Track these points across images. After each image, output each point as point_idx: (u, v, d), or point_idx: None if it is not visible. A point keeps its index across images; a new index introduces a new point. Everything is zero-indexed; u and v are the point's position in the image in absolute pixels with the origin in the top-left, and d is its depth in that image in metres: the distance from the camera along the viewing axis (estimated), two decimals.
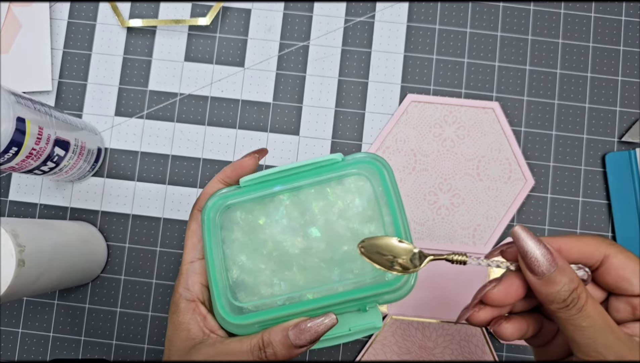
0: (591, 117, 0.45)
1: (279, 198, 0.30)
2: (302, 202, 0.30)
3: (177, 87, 0.45)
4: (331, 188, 0.30)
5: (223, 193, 0.30)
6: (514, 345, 0.43)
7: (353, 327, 0.29)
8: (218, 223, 0.30)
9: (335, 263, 0.29)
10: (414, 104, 0.44)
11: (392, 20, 0.45)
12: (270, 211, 0.30)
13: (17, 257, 0.31)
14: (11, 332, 0.43)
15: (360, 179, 0.30)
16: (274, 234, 0.30)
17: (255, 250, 0.30)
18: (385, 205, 0.29)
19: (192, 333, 0.29)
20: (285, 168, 0.30)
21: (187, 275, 0.30)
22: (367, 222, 0.29)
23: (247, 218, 0.30)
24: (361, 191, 0.30)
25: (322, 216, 0.29)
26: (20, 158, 0.34)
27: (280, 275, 0.29)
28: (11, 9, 0.45)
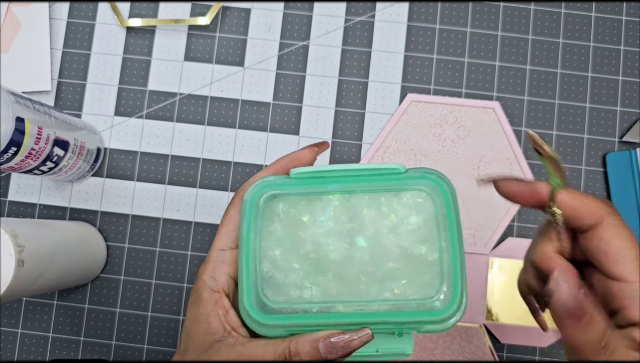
0: (592, 117, 0.45)
1: (328, 198, 0.28)
2: (352, 207, 0.28)
3: (177, 87, 0.45)
4: (386, 198, 0.28)
5: (269, 181, 0.28)
6: (514, 346, 0.42)
7: (381, 349, 0.27)
8: (260, 211, 0.28)
9: (376, 279, 0.27)
10: (414, 104, 0.44)
11: (392, 20, 0.45)
12: (317, 210, 0.28)
13: (17, 257, 0.31)
14: (11, 332, 0.43)
15: (420, 195, 0.28)
16: (316, 235, 0.28)
17: (292, 247, 0.28)
18: (443, 229, 0.27)
19: (212, 327, 0.27)
20: (341, 167, 0.28)
21: (214, 263, 0.28)
22: (419, 242, 0.27)
23: (290, 212, 0.28)
24: (419, 208, 0.27)
25: (372, 226, 0.27)
26: (19, 157, 0.34)
27: (313, 278, 0.28)
28: (11, 9, 0.45)
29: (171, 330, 0.43)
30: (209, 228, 0.44)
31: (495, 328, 0.42)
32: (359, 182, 0.28)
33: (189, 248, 0.44)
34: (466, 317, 0.42)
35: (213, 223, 0.44)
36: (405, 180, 0.28)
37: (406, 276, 0.27)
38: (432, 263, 0.27)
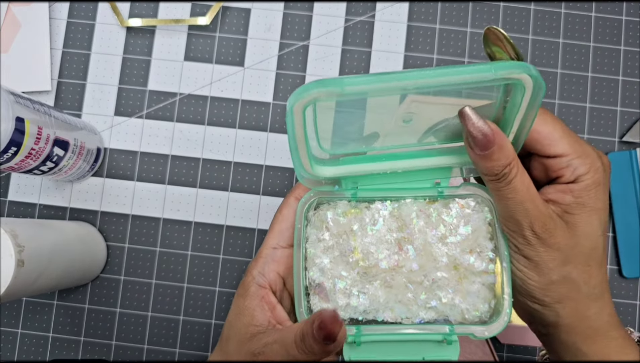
0: (592, 117, 0.45)
1: (377, 208, 0.29)
2: (401, 216, 0.28)
3: (177, 87, 0.45)
4: (435, 208, 0.28)
5: (321, 191, 0.29)
6: (514, 346, 0.42)
7: (428, 357, 0.28)
8: (306, 219, 0.29)
9: (423, 288, 0.28)
10: (414, 104, 0.44)
11: (392, 20, 0.45)
12: (366, 219, 0.28)
13: (17, 257, 0.31)
14: (11, 332, 0.43)
15: (469, 206, 0.28)
16: (366, 244, 0.28)
17: (341, 256, 0.28)
18: (491, 239, 0.28)
19: (256, 319, 0.28)
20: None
21: (265, 260, 0.29)
22: (467, 253, 0.28)
23: (340, 221, 0.28)
24: (467, 219, 0.28)
25: (421, 236, 0.28)
26: (19, 157, 0.34)
27: (360, 286, 0.28)
28: (11, 9, 0.44)
29: (171, 330, 0.43)
30: (209, 228, 0.44)
31: None
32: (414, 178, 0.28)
33: (189, 248, 0.44)
34: None
35: (213, 223, 0.44)
36: (452, 191, 0.28)
37: (454, 286, 0.28)
38: (479, 273, 0.28)
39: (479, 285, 0.28)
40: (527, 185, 0.26)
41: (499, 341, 0.42)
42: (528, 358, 0.42)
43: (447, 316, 0.28)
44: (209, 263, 0.43)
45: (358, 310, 0.28)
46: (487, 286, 0.28)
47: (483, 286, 0.28)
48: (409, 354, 0.27)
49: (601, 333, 0.27)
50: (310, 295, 0.28)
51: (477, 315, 0.28)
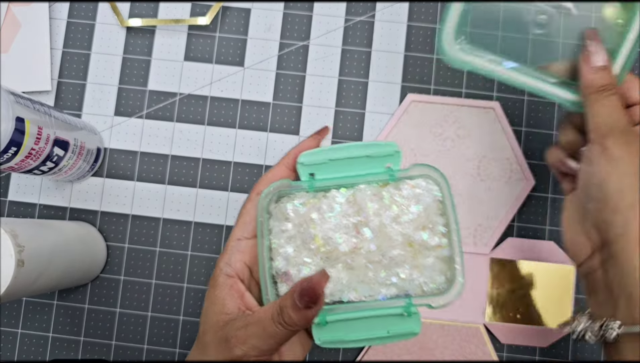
0: None
1: (334, 195, 0.30)
2: (357, 202, 0.30)
3: (177, 87, 0.45)
4: (388, 191, 0.30)
5: (279, 184, 0.31)
6: (514, 346, 0.42)
7: (392, 330, 0.30)
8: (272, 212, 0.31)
9: (382, 266, 0.30)
10: (414, 104, 0.44)
11: (392, 20, 0.45)
12: (324, 207, 0.30)
13: (17, 257, 0.31)
14: (10, 332, 0.43)
15: (418, 186, 0.30)
16: (325, 230, 0.30)
17: (303, 243, 0.30)
18: (441, 215, 0.30)
19: (227, 308, 0.29)
20: (340, 146, 0.31)
21: (231, 251, 0.31)
22: (420, 229, 0.30)
23: (299, 211, 0.30)
24: (418, 198, 0.30)
25: (376, 218, 0.30)
26: (19, 158, 0.34)
27: None
28: (11, 9, 0.45)
29: (171, 330, 0.43)
30: (209, 228, 0.44)
31: (495, 328, 0.42)
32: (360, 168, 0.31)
33: (189, 248, 0.44)
34: (466, 317, 0.42)
35: (213, 223, 0.44)
36: (402, 173, 0.31)
37: (410, 261, 0.30)
38: (433, 248, 0.30)
39: (433, 259, 0.30)
40: (621, 104, 0.30)
41: (499, 341, 0.42)
42: (528, 358, 0.42)
43: (407, 291, 0.30)
44: (209, 263, 0.43)
45: (325, 292, 0.29)
46: (441, 259, 0.30)
47: (437, 260, 0.30)
48: (374, 329, 0.30)
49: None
50: (277, 283, 0.30)
51: (434, 287, 0.30)
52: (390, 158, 0.31)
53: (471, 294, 0.42)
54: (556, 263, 0.43)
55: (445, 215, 0.30)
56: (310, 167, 0.31)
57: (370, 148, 0.31)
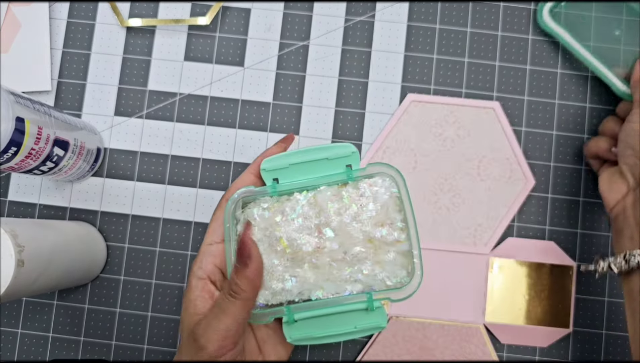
0: (592, 117, 0.45)
1: (297, 199, 0.32)
2: (318, 203, 0.31)
3: (177, 87, 0.45)
4: (347, 191, 0.32)
5: (242, 191, 0.32)
6: (514, 346, 0.42)
7: (359, 325, 0.31)
8: (235, 218, 0.32)
9: (346, 263, 0.31)
10: (414, 104, 0.44)
11: (392, 20, 0.45)
12: (287, 210, 0.31)
13: (17, 257, 0.31)
14: (11, 332, 0.43)
15: (375, 184, 0.32)
16: (289, 232, 0.31)
17: (270, 246, 0.31)
18: (399, 211, 0.31)
19: (198, 308, 0.30)
20: (299, 151, 0.32)
21: (202, 256, 0.32)
22: (379, 226, 0.31)
23: (264, 215, 0.32)
24: (375, 196, 0.31)
25: (337, 218, 0.31)
26: (19, 158, 0.34)
27: (291, 271, 0.31)
28: (11, 9, 0.45)
29: (171, 330, 0.43)
30: None
31: (495, 328, 0.42)
32: (319, 170, 0.32)
33: (189, 248, 0.44)
34: (466, 317, 0.42)
35: None
36: (360, 173, 0.32)
37: (371, 257, 0.31)
38: (392, 243, 0.31)
39: (394, 254, 0.31)
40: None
41: (499, 341, 0.42)
42: (528, 358, 0.42)
43: (371, 287, 0.31)
44: None
45: (292, 292, 0.31)
46: (401, 253, 0.31)
47: (398, 254, 0.31)
48: (342, 325, 0.31)
49: None
50: None
51: (397, 281, 0.31)
52: (348, 159, 0.32)
53: (471, 294, 0.42)
54: (556, 263, 0.43)
55: (403, 211, 0.31)
56: (273, 172, 0.32)
57: (328, 150, 0.32)
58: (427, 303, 0.42)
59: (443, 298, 0.42)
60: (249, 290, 0.29)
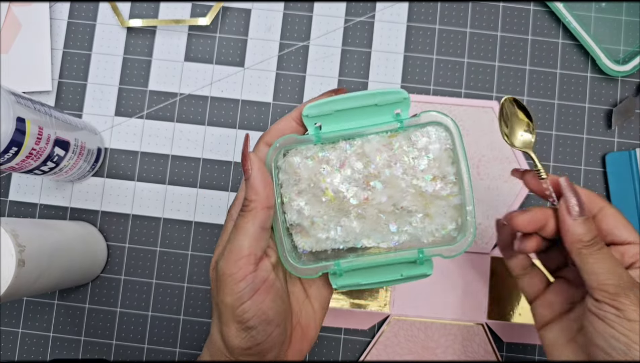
0: (591, 117, 0.45)
1: (343, 147, 0.30)
2: (366, 153, 0.30)
3: (177, 87, 0.45)
4: (397, 141, 0.30)
5: (284, 140, 0.30)
6: (513, 345, 0.43)
7: (405, 273, 0.30)
8: (276, 167, 0.30)
9: (394, 216, 0.30)
10: (413, 104, 0.44)
11: (392, 20, 0.45)
12: (333, 159, 0.30)
13: (17, 257, 0.31)
14: (11, 332, 0.43)
15: (429, 135, 0.30)
16: (335, 183, 0.29)
17: (314, 196, 0.30)
18: (452, 164, 0.30)
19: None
20: (348, 96, 0.30)
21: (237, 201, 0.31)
22: (431, 180, 0.29)
23: (308, 164, 0.30)
24: (428, 148, 0.29)
25: (386, 170, 0.29)
26: (20, 158, 0.34)
27: (336, 220, 0.30)
28: (11, 9, 0.45)
29: (171, 329, 0.43)
30: (209, 227, 0.44)
31: (497, 327, 0.42)
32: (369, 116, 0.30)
33: (189, 248, 0.44)
34: (468, 316, 0.42)
35: (213, 223, 0.44)
36: (412, 121, 0.30)
37: (422, 210, 0.30)
38: (444, 197, 0.30)
39: (445, 207, 0.30)
40: (613, 255, 0.29)
41: (501, 339, 0.42)
42: (529, 358, 0.42)
43: (419, 238, 0.30)
44: (209, 262, 0.43)
45: (338, 241, 0.30)
46: (452, 207, 0.30)
47: (449, 207, 0.30)
48: (389, 274, 0.30)
49: None
50: (293, 234, 0.31)
51: (445, 233, 0.30)
52: (399, 105, 0.30)
53: (472, 293, 0.42)
54: None
55: (456, 163, 0.29)
56: (316, 119, 0.30)
57: (377, 96, 0.29)
58: (428, 302, 0.42)
59: (445, 297, 0.42)
60: (256, 200, 0.28)
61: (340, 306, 0.42)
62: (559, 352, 0.31)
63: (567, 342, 0.31)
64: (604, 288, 0.28)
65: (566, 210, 0.29)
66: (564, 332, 0.31)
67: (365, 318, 0.42)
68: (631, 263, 0.30)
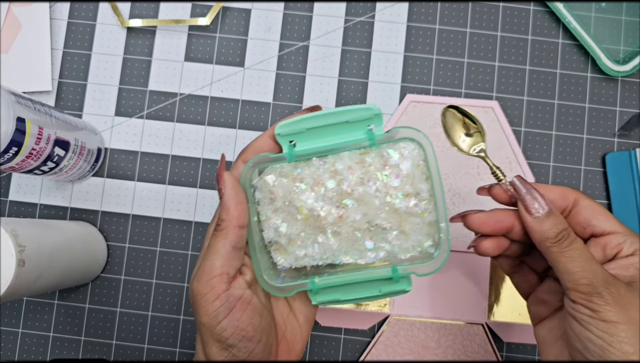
0: (591, 117, 0.45)
1: (316, 165, 0.30)
2: (338, 171, 0.29)
3: (177, 87, 0.45)
4: (370, 158, 0.29)
5: (257, 159, 0.30)
6: (513, 345, 0.43)
7: (383, 289, 0.30)
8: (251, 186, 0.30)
9: (369, 233, 0.30)
10: (413, 104, 0.44)
11: (392, 20, 0.45)
12: (306, 178, 0.30)
13: (17, 257, 0.31)
14: (11, 332, 0.43)
15: (401, 152, 0.29)
16: (308, 202, 0.29)
17: (289, 215, 0.30)
18: (424, 180, 0.29)
19: None
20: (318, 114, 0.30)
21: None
22: (405, 197, 0.29)
23: (282, 182, 0.30)
24: (401, 165, 0.29)
25: (359, 187, 0.29)
26: (20, 158, 0.34)
27: (314, 238, 0.30)
28: (11, 9, 0.45)
29: (171, 329, 0.43)
30: None
31: (497, 327, 0.42)
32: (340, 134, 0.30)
33: (190, 248, 0.44)
34: (468, 316, 0.42)
35: None
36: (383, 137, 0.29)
37: (397, 228, 0.30)
38: (418, 214, 0.30)
39: (420, 224, 0.30)
40: (589, 250, 0.27)
41: (501, 339, 0.42)
42: (529, 358, 0.42)
43: (396, 254, 0.30)
44: None
45: (315, 258, 0.30)
46: (428, 223, 0.30)
47: (425, 224, 0.30)
48: (367, 290, 0.30)
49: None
50: (271, 251, 0.31)
51: (422, 250, 0.30)
52: (371, 121, 0.30)
53: (473, 293, 0.42)
54: None
55: (430, 179, 0.29)
56: (290, 137, 0.30)
57: (349, 113, 0.29)
58: (429, 302, 0.42)
59: (445, 297, 0.42)
60: (228, 219, 0.28)
61: (341, 306, 0.42)
62: (548, 350, 0.30)
63: (555, 341, 0.30)
64: (578, 289, 0.26)
65: (525, 209, 0.28)
66: (553, 330, 0.30)
67: (365, 318, 0.42)
68: (614, 254, 0.28)
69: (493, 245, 0.30)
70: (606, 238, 0.28)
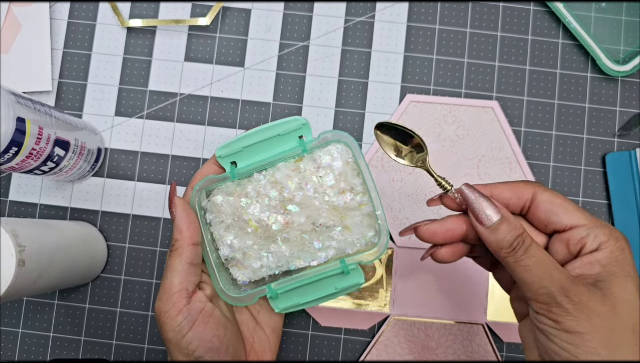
0: (591, 117, 0.45)
1: (257, 179, 0.32)
2: (278, 180, 0.32)
3: (177, 87, 0.45)
4: (304, 164, 0.32)
5: (203, 183, 0.33)
6: (513, 345, 0.43)
7: (339, 286, 0.32)
8: (202, 208, 0.33)
9: (316, 234, 0.32)
10: (413, 104, 0.44)
11: (392, 20, 0.45)
12: (250, 193, 0.32)
13: (17, 257, 0.31)
14: (11, 332, 0.43)
15: (329, 152, 0.32)
16: (256, 213, 0.32)
17: (240, 229, 0.32)
18: (356, 176, 0.32)
19: None
20: (252, 131, 0.32)
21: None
22: (341, 193, 0.32)
23: (229, 201, 0.32)
24: (332, 165, 0.32)
25: (299, 192, 0.32)
26: (20, 158, 0.34)
27: (266, 248, 0.32)
28: (11, 9, 0.45)
29: None
30: None
31: (497, 327, 0.42)
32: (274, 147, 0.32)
33: None
34: (468, 316, 0.42)
35: None
36: (312, 143, 0.32)
37: (339, 223, 0.32)
38: (356, 208, 0.32)
39: (359, 217, 0.32)
40: (545, 253, 0.25)
41: (501, 339, 0.42)
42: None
43: (344, 249, 0.32)
44: None
45: (271, 267, 0.33)
46: (367, 215, 0.32)
47: (364, 216, 0.32)
48: (323, 289, 0.32)
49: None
50: (230, 268, 0.33)
51: (367, 241, 0.32)
52: (301, 131, 0.32)
53: (472, 293, 0.42)
54: None
55: (361, 174, 0.32)
56: (231, 157, 0.33)
57: (278, 127, 0.32)
58: (428, 302, 0.42)
59: (445, 297, 0.42)
60: (181, 239, 0.30)
61: (340, 306, 0.42)
62: (529, 351, 0.28)
63: (535, 342, 0.27)
64: (537, 299, 0.25)
65: (475, 219, 0.26)
66: (533, 331, 0.27)
67: (365, 318, 0.42)
68: (579, 250, 0.26)
69: (449, 252, 0.29)
70: (569, 233, 0.26)
